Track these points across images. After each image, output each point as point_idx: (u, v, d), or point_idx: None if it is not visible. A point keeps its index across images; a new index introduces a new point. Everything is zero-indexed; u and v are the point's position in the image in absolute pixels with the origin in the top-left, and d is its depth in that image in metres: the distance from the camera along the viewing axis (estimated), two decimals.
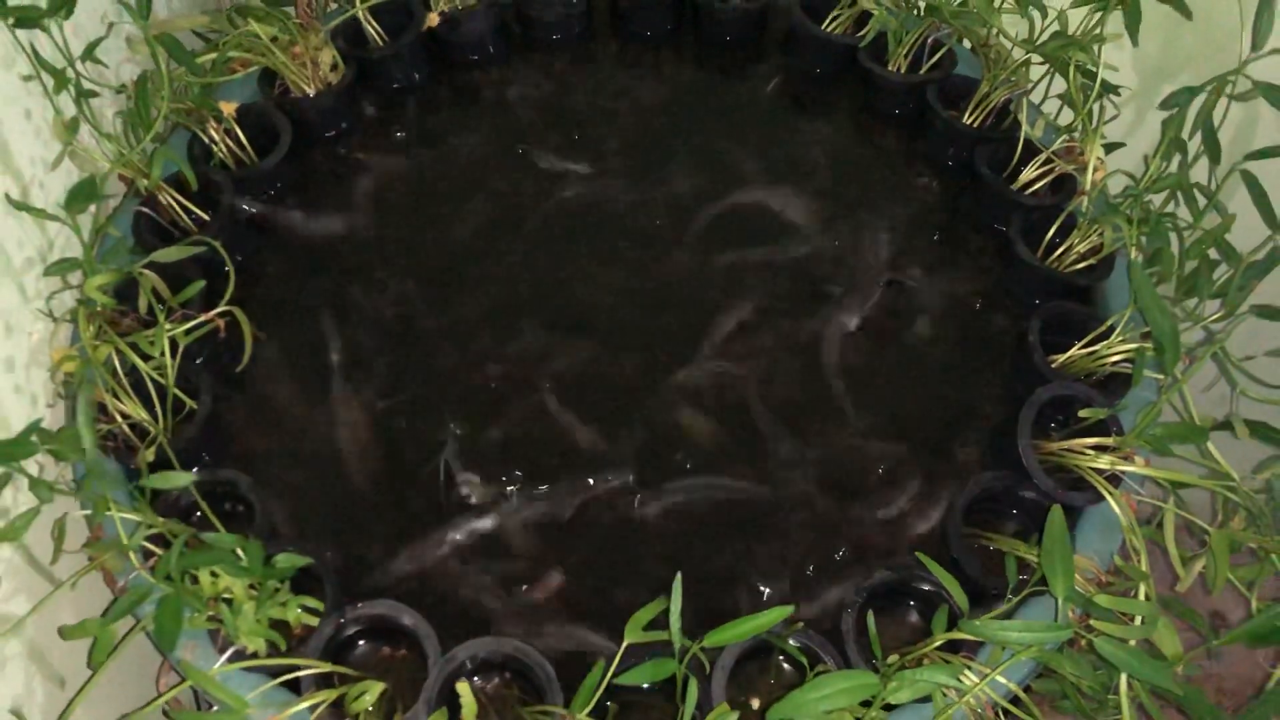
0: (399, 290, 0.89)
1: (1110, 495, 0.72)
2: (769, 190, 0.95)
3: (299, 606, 0.67)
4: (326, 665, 0.65)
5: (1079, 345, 0.80)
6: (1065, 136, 0.91)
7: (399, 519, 0.77)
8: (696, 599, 0.66)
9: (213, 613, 0.65)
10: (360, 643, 0.70)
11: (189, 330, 0.76)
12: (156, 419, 0.75)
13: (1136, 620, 0.66)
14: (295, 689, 0.65)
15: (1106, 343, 0.80)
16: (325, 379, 0.84)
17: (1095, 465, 0.73)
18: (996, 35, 0.95)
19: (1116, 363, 0.80)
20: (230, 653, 0.66)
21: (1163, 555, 0.74)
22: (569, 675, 0.65)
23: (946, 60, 0.97)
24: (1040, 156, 0.90)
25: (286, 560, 0.67)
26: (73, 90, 0.77)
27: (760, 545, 0.76)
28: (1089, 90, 0.86)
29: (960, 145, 0.95)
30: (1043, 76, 0.96)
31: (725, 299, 0.88)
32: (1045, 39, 0.89)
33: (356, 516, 0.78)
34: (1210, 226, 0.83)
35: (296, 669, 0.65)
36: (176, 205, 0.85)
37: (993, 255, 0.91)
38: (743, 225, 0.93)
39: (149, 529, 0.67)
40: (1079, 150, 0.89)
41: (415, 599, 0.69)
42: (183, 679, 0.68)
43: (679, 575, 0.62)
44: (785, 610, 0.59)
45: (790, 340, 0.86)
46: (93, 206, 0.83)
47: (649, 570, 0.75)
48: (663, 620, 0.62)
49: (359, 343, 0.86)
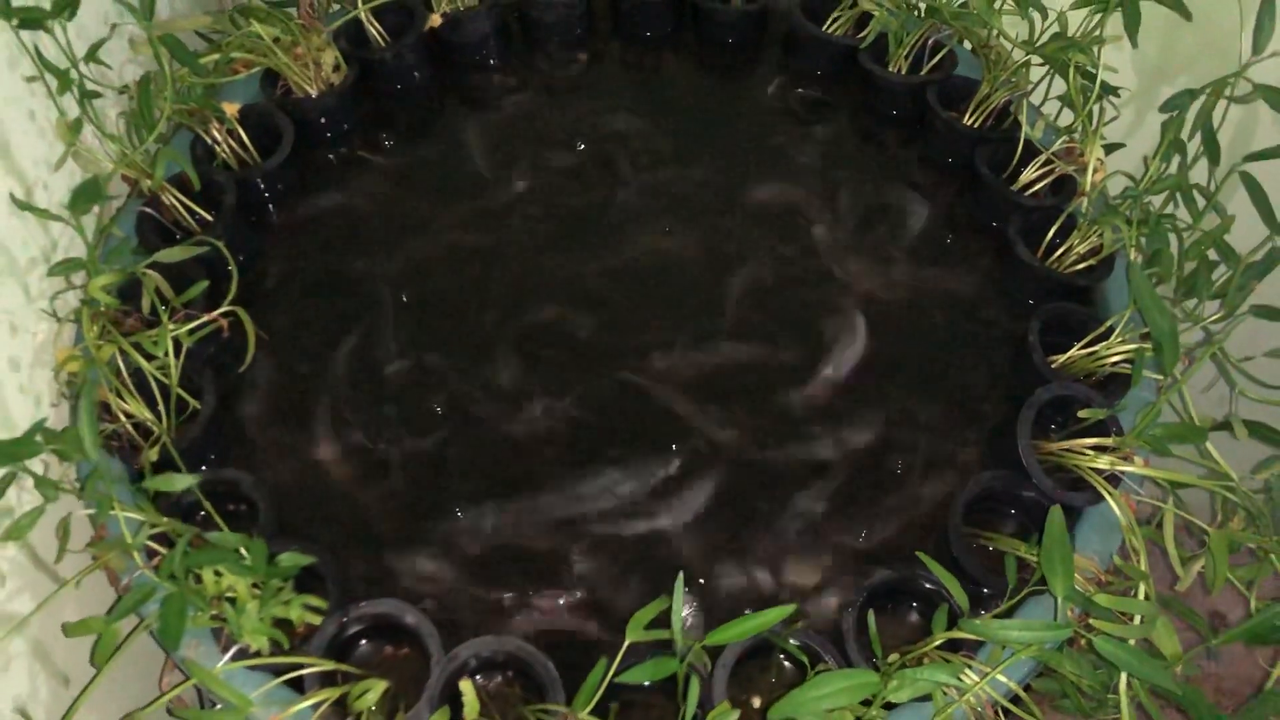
0: (402, 290, 0.89)
1: (1110, 495, 0.72)
2: (768, 189, 0.96)
3: (302, 605, 0.67)
4: (329, 664, 0.66)
5: (1079, 346, 0.81)
6: (1065, 137, 0.91)
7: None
8: None
9: (216, 611, 0.66)
10: (363, 641, 0.70)
11: (192, 330, 0.77)
12: (160, 419, 0.75)
13: (1136, 620, 0.66)
14: (298, 687, 0.65)
15: (1106, 343, 0.80)
16: (328, 377, 0.84)
17: (1095, 465, 0.74)
18: (997, 37, 0.95)
19: (1116, 363, 0.80)
20: (234, 651, 0.67)
21: (1162, 555, 0.74)
22: None
23: (947, 61, 0.98)
24: (1040, 157, 0.90)
25: (290, 559, 0.67)
26: (76, 91, 0.77)
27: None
28: (1089, 91, 0.86)
29: (960, 146, 0.95)
30: (1043, 78, 0.96)
31: (721, 291, 0.89)
32: (1045, 40, 0.89)
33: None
34: (1210, 227, 0.84)
35: (300, 667, 0.65)
36: (179, 205, 0.85)
37: (993, 256, 0.92)
38: (742, 225, 0.93)
39: (153, 528, 0.68)
40: (1079, 151, 0.90)
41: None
42: (186, 677, 0.68)
43: (680, 575, 0.62)
44: (786, 609, 0.59)
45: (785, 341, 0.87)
46: (96, 207, 0.83)
47: None
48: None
49: (362, 342, 0.86)
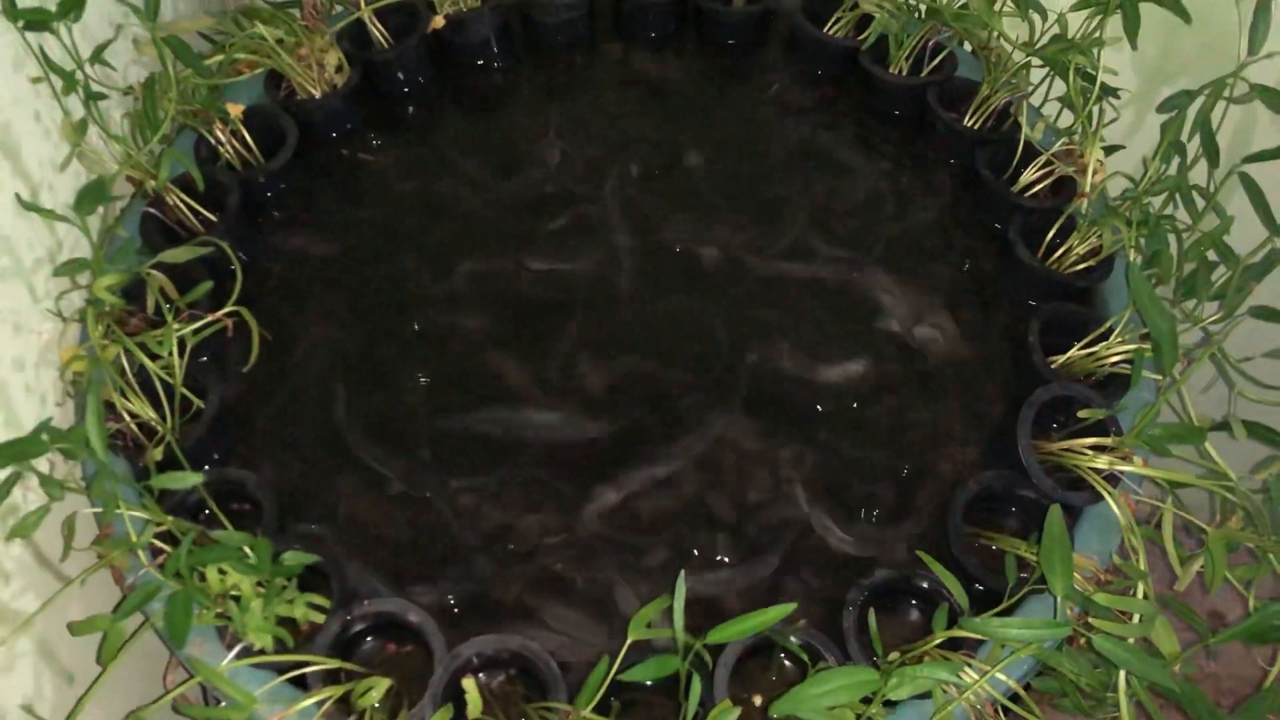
0: (404, 288, 0.90)
1: (1109, 495, 0.73)
2: (767, 189, 0.96)
3: (306, 604, 0.68)
4: (333, 662, 0.66)
5: (1078, 346, 0.81)
6: (1065, 139, 0.92)
7: None
8: None
9: (221, 610, 0.66)
10: (366, 640, 0.71)
11: (197, 330, 0.77)
12: (164, 418, 0.76)
13: (1135, 619, 0.66)
14: (302, 685, 0.66)
15: (1106, 344, 0.80)
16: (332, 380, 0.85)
17: (1094, 465, 0.74)
18: (997, 38, 0.95)
19: (1115, 364, 0.80)
20: (238, 649, 0.67)
21: (1161, 555, 0.75)
22: None
23: (947, 63, 0.98)
24: (1040, 159, 0.90)
25: (294, 558, 0.67)
26: (81, 92, 0.77)
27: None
28: (1088, 93, 0.86)
29: (961, 147, 0.96)
30: (1043, 79, 0.97)
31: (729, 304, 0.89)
32: (1045, 42, 0.89)
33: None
34: (1209, 228, 0.84)
35: (303, 665, 0.65)
36: (184, 206, 0.86)
37: (993, 257, 0.92)
38: (741, 226, 0.94)
39: (157, 527, 0.68)
40: (1079, 153, 0.90)
41: None
42: (190, 675, 0.68)
43: (682, 574, 0.62)
44: (787, 608, 0.60)
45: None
46: (101, 207, 0.84)
47: None
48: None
49: (364, 343, 0.86)
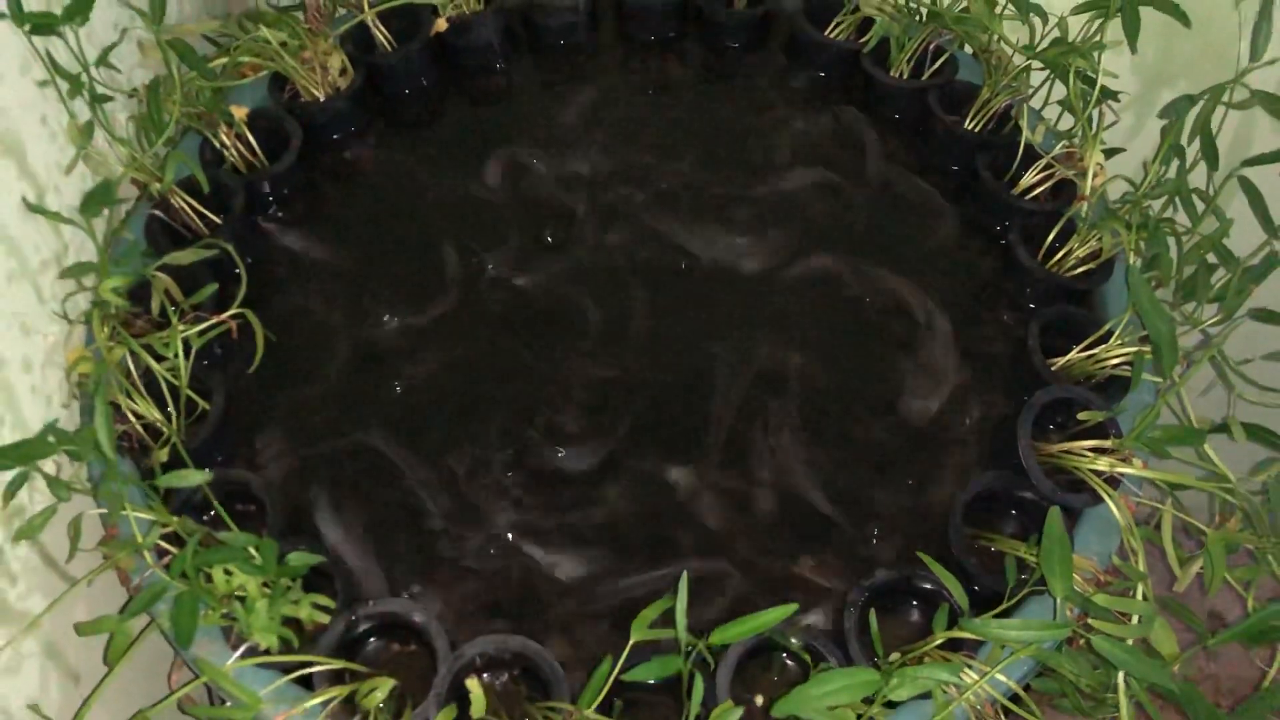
0: (406, 290, 0.90)
1: (1109, 496, 0.73)
2: (766, 190, 0.96)
3: (311, 604, 0.68)
4: (338, 662, 0.66)
5: (1078, 349, 0.81)
6: (1065, 142, 0.92)
7: None
8: None
9: (226, 610, 0.66)
10: (371, 640, 0.71)
11: (202, 332, 0.78)
12: (170, 419, 0.76)
13: (1134, 619, 0.67)
14: (307, 685, 0.66)
15: (1105, 346, 0.81)
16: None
17: (1094, 467, 0.74)
18: (997, 41, 0.95)
19: (1115, 366, 0.81)
20: (243, 649, 0.68)
21: (1161, 556, 0.75)
22: None
23: (948, 66, 0.98)
24: (1040, 162, 0.91)
25: (299, 559, 0.68)
26: (87, 95, 0.78)
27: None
28: (1088, 96, 0.87)
29: (962, 150, 0.96)
30: (1043, 82, 0.97)
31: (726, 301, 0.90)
32: (1046, 45, 0.90)
33: None
34: (1209, 231, 0.84)
35: (308, 665, 0.66)
36: (189, 208, 0.86)
37: (993, 259, 0.92)
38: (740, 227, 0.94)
39: (163, 528, 0.68)
40: (1079, 156, 0.90)
41: None
42: (196, 676, 0.69)
43: (684, 574, 0.63)
44: (789, 609, 0.60)
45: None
46: (106, 210, 0.84)
47: None
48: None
49: (366, 344, 0.87)
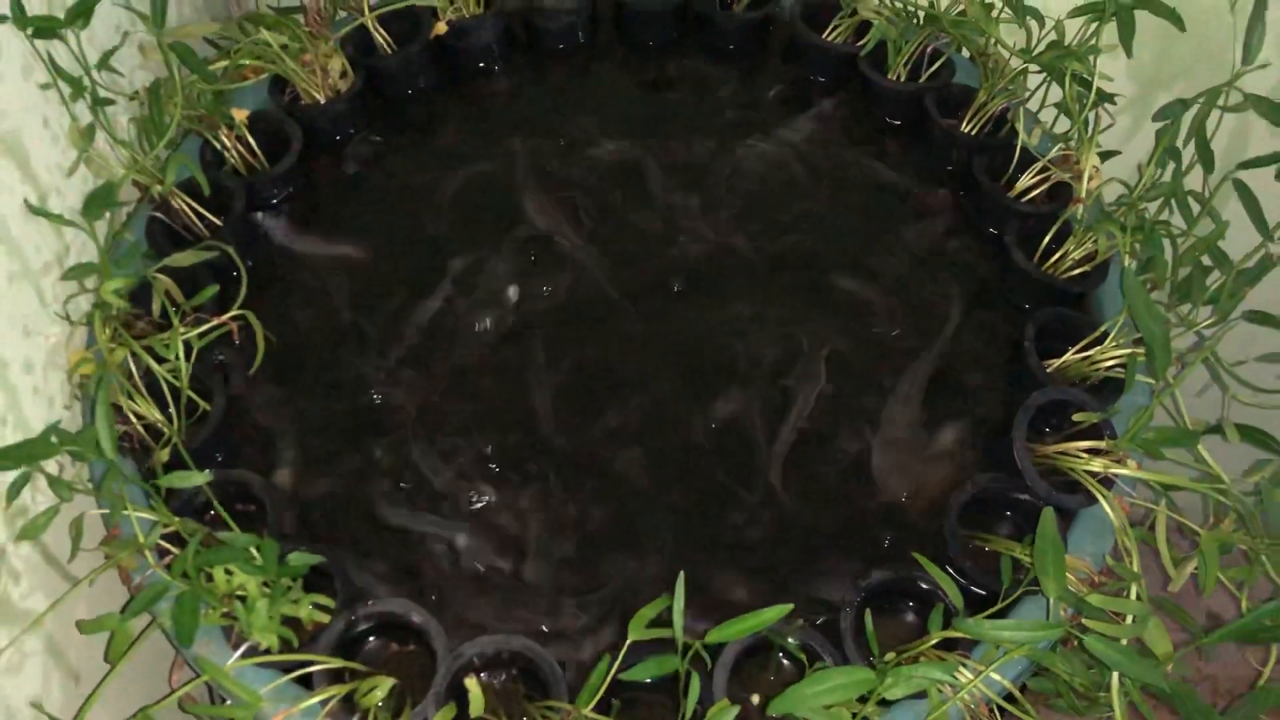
0: (409, 292, 0.90)
1: (1103, 497, 0.73)
2: (764, 192, 0.97)
3: (311, 604, 0.68)
4: (338, 661, 0.67)
5: (1073, 350, 0.82)
6: (1061, 145, 0.92)
7: None
8: None
9: (227, 609, 0.67)
10: (370, 639, 0.72)
11: (202, 333, 0.78)
12: (171, 420, 0.77)
13: (1128, 619, 0.67)
14: (307, 684, 0.66)
15: (1100, 348, 0.81)
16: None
17: (1089, 468, 0.75)
18: (994, 45, 0.96)
19: (1110, 368, 0.81)
20: (243, 649, 0.68)
21: (1155, 557, 0.76)
22: None
23: (945, 69, 0.99)
24: (1037, 164, 0.91)
25: (299, 559, 0.68)
26: (89, 98, 0.78)
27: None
28: (1084, 99, 0.87)
29: (958, 153, 0.97)
30: (1040, 85, 0.97)
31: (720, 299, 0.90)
32: (1042, 49, 0.90)
33: None
34: (1204, 234, 0.85)
35: (308, 665, 0.66)
36: (189, 210, 0.87)
37: (989, 261, 0.93)
38: (739, 230, 0.95)
39: (165, 528, 0.69)
40: (1075, 158, 0.91)
41: None
42: (196, 674, 0.69)
43: (682, 574, 0.63)
44: (785, 608, 0.61)
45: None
46: (108, 212, 0.85)
47: None
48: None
49: (372, 346, 0.87)
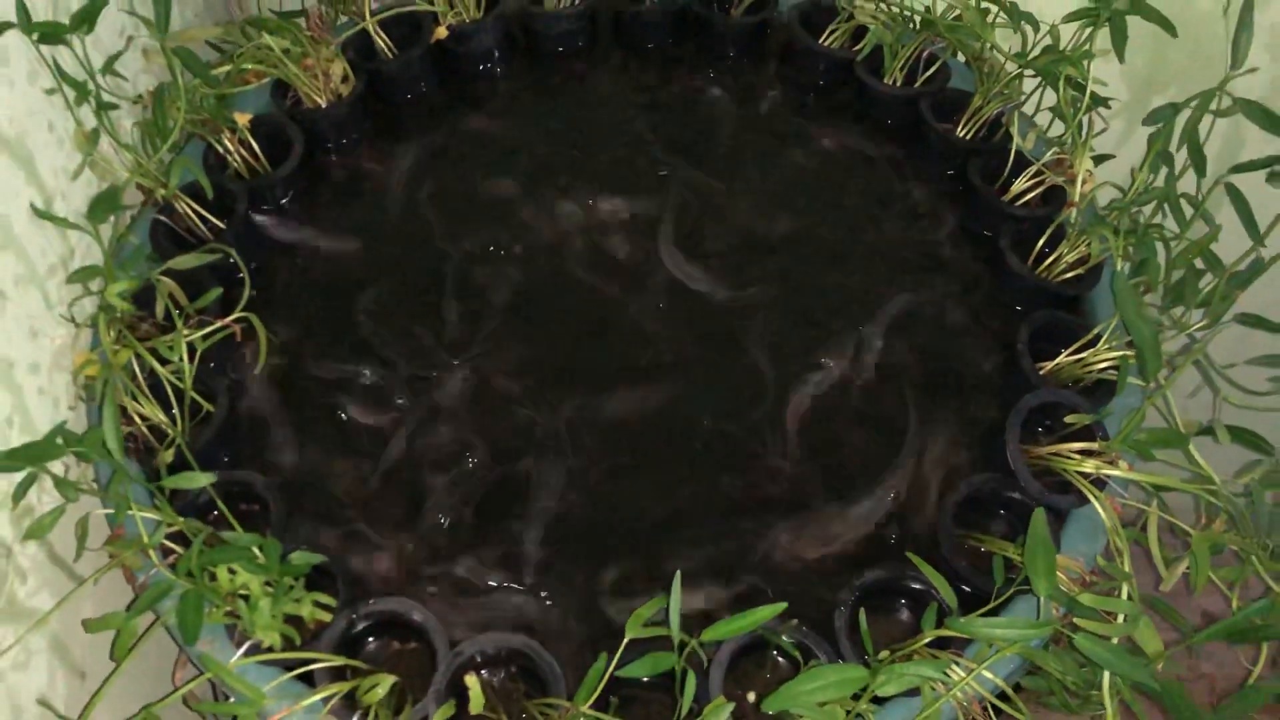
0: (410, 294, 0.91)
1: (1095, 498, 0.74)
2: (766, 195, 0.98)
3: (313, 602, 0.69)
4: (339, 659, 0.68)
5: (1067, 353, 0.83)
6: (1056, 149, 0.93)
7: None
8: None
9: (230, 608, 0.68)
10: (371, 638, 0.72)
11: (206, 335, 0.79)
12: (174, 421, 0.77)
13: (1119, 618, 0.68)
14: (309, 682, 0.67)
15: (1094, 350, 0.82)
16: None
17: (1081, 469, 0.76)
18: (990, 49, 0.97)
19: (1103, 370, 0.82)
20: (246, 647, 0.69)
21: (1147, 557, 0.76)
22: None
23: (941, 74, 1.00)
24: (1031, 169, 0.92)
25: (301, 558, 0.69)
26: (93, 102, 0.79)
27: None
28: (1079, 103, 0.88)
29: (954, 157, 0.98)
30: (1035, 89, 0.98)
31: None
32: (1037, 53, 0.91)
33: None
34: (1197, 237, 0.85)
35: (310, 663, 0.67)
36: (193, 214, 0.88)
37: (984, 264, 0.94)
38: (739, 232, 0.96)
39: (169, 528, 0.70)
40: (1069, 162, 0.92)
41: None
42: (200, 672, 0.70)
43: (679, 574, 0.64)
44: (778, 607, 0.62)
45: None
46: (112, 215, 0.86)
47: None
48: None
49: (370, 346, 0.88)
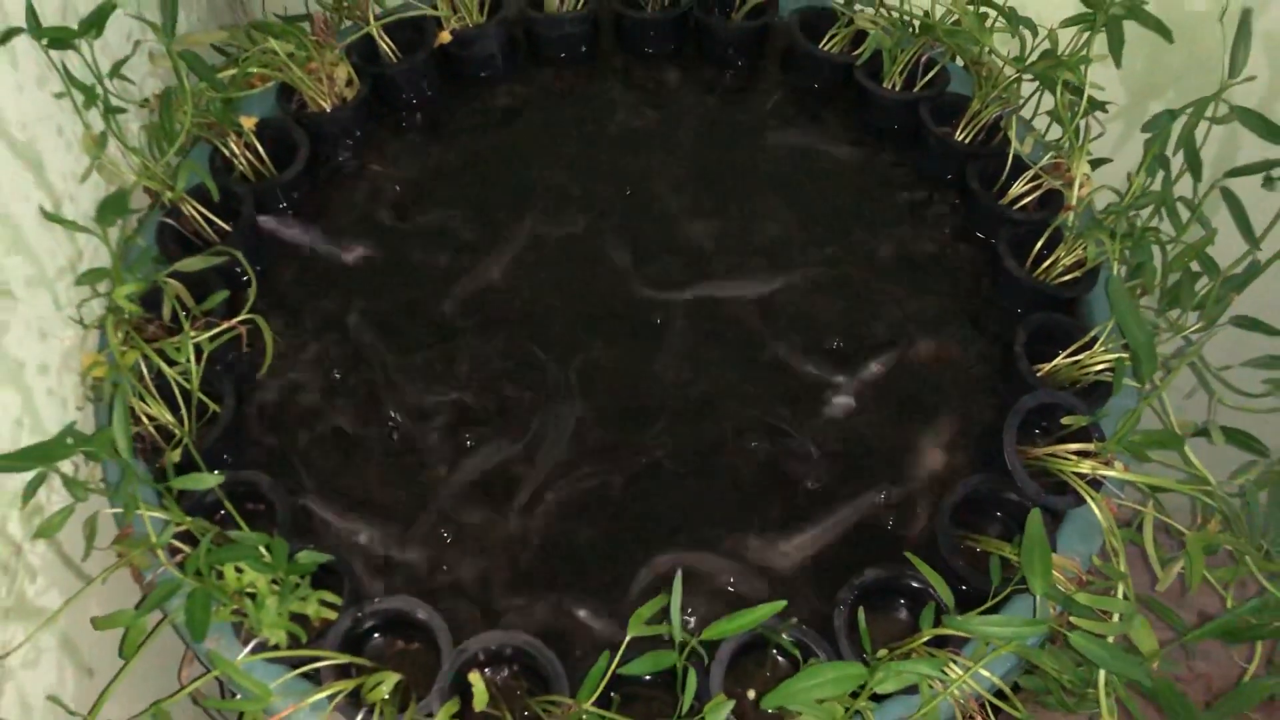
0: (413, 295, 0.92)
1: (1091, 499, 0.75)
2: (762, 197, 0.99)
3: (319, 601, 0.70)
4: (344, 657, 0.68)
5: (1064, 355, 0.84)
6: (1053, 153, 0.94)
7: None
8: None
9: (237, 606, 0.69)
10: (376, 636, 0.73)
11: (212, 337, 0.80)
12: (181, 422, 0.78)
13: (1115, 617, 0.69)
14: (315, 679, 0.68)
15: (1090, 352, 0.83)
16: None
17: (1077, 470, 0.76)
18: (988, 54, 0.98)
19: (1100, 372, 0.83)
20: (253, 644, 0.70)
21: (1143, 557, 0.77)
22: None
23: (940, 78, 1.01)
24: (1029, 172, 0.93)
25: (308, 557, 0.70)
26: (101, 106, 0.80)
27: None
28: (1076, 107, 0.89)
29: (952, 161, 0.98)
30: (1033, 94, 0.99)
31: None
32: (1035, 58, 0.92)
33: None
34: (1193, 240, 0.86)
35: (316, 660, 0.68)
36: (199, 216, 0.89)
37: (982, 267, 0.94)
38: (739, 235, 0.97)
39: (176, 527, 0.71)
40: (1066, 166, 0.92)
41: None
42: (207, 670, 0.71)
43: (679, 573, 0.65)
44: (778, 605, 0.62)
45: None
46: (120, 218, 0.86)
47: None
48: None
49: (373, 347, 0.89)
